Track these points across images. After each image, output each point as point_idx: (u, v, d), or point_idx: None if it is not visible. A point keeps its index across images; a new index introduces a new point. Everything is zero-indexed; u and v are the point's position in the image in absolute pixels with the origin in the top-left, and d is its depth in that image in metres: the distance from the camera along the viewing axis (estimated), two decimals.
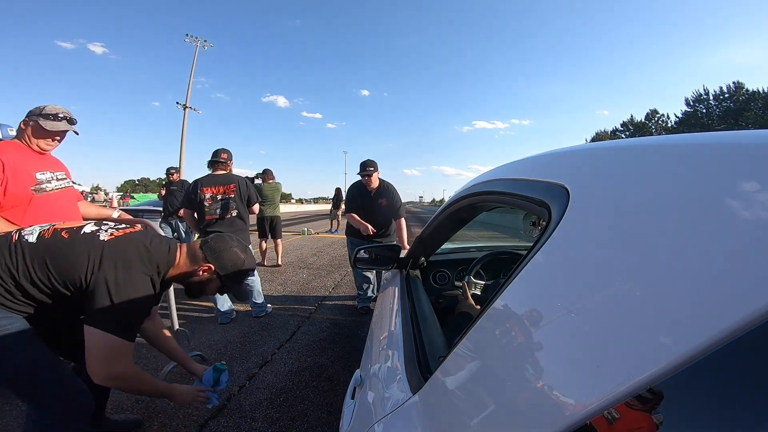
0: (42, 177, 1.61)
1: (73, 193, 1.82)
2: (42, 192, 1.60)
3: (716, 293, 0.24)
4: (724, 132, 0.35)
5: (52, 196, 1.65)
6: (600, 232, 0.39)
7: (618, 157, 0.46)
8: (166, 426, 1.63)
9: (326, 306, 3.59)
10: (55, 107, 1.65)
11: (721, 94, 33.97)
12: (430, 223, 1.29)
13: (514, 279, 0.46)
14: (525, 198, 0.59)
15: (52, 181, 1.65)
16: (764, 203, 0.25)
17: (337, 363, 2.33)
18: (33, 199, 1.56)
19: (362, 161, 3.11)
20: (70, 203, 1.78)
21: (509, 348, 0.43)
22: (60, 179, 1.70)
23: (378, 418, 0.65)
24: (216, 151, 2.91)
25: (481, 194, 0.84)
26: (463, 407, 0.46)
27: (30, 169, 1.57)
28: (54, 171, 1.69)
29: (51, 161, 1.73)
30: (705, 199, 0.30)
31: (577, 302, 0.35)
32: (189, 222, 2.93)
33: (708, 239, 0.27)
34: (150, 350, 2.35)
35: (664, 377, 0.24)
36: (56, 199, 1.67)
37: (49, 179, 1.64)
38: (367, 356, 1.08)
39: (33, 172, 1.58)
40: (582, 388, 0.30)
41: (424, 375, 0.63)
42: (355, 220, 3.08)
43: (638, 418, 0.29)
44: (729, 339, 0.22)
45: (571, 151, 0.58)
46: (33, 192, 1.56)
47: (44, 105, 1.63)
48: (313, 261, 5.94)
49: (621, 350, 0.28)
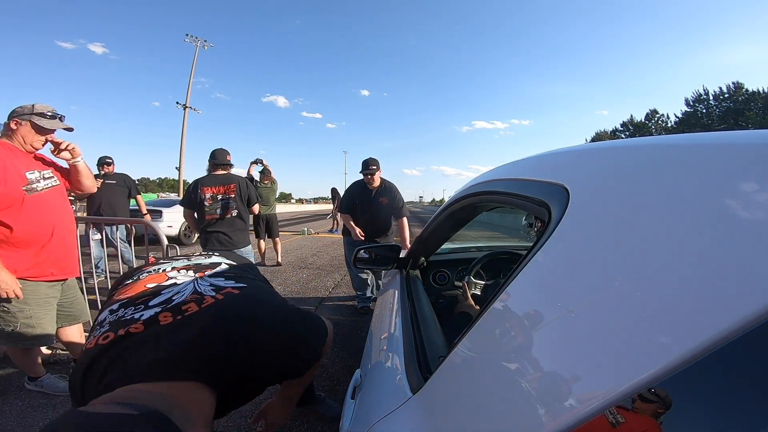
0: (31, 176, 1.60)
1: (61, 191, 1.81)
2: (34, 192, 1.59)
3: (716, 293, 0.24)
4: (724, 132, 0.35)
5: (43, 195, 1.64)
6: (600, 232, 0.39)
7: (618, 157, 0.46)
8: None
9: (326, 306, 3.59)
10: (45, 106, 1.65)
11: (721, 94, 33.96)
12: (430, 223, 1.29)
13: (514, 279, 0.46)
14: (525, 198, 0.59)
15: (40, 180, 1.64)
16: (764, 203, 0.25)
17: (337, 363, 2.33)
18: (25, 199, 1.55)
19: (364, 159, 3.09)
20: (61, 202, 1.76)
21: (509, 348, 0.43)
22: (47, 178, 1.69)
23: (378, 418, 0.65)
24: (214, 152, 2.90)
25: (481, 194, 0.84)
26: (463, 407, 0.46)
27: (19, 168, 1.56)
28: (41, 170, 1.67)
29: (38, 160, 1.71)
30: (705, 199, 0.30)
31: (577, 302, 0.35)
32: (189, 222, 2.93)
33: (708, 239, 0.27)
34: None
35: (664, 377, 0.24)
36: (47, 199, 1.66)
37: (38, 179, 1.63)
38: (367, 356, 1.08)
39: (23, 172, 1.56)
40: (582, 388, 0.30)
41: (424, 375, 0.63)
42: (348, 222, 3.08)
43: (638, 417, 0.29)
44: (729, 339, 0.22)
45: (571, 151, 0.58)
46: (25, 192, 1.55)
47: (32, 104, 1.62)
48: (313, 261, 5.93)
49: (621, 350, 0.28)
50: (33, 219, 1.58)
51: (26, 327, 1.62)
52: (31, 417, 1.65)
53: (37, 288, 1.64)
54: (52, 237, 1.66)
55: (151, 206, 7.33)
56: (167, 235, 5.38)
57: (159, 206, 7.26)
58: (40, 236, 1.62)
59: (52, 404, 1.75)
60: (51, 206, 1.68)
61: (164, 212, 6.97)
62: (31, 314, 1.63)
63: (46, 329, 1.70)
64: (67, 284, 1.84)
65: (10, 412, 1.69)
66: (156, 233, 2.11)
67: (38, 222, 1.61)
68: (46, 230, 1.64)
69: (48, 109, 1.64)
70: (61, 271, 1.74)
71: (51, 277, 1.69)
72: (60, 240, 1.71)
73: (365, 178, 3.07)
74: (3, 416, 1.65)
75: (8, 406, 1.73)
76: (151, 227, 2.17)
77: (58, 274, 1.72)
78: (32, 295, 1.63)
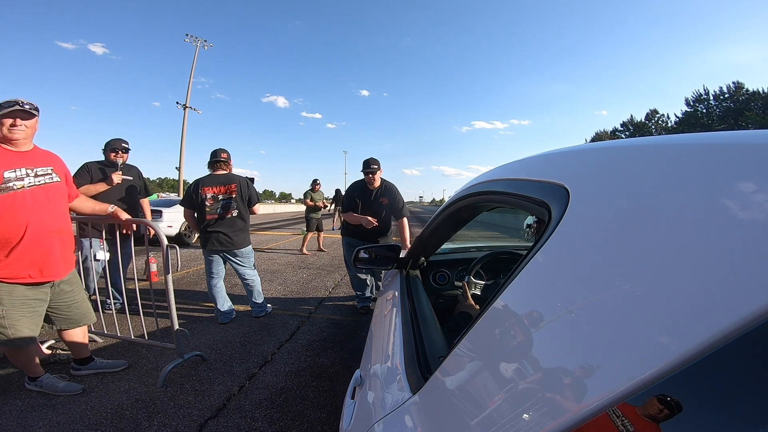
0: (11, 175, 1.56)
1: (57, 188, 1.76)
2: (8, 191, 1.55)
3: (716, 293, 0.24)
4: (724, 132, 0.35)
5: (20, 194, 1.59)
6: (600, 232, 0.39)
7: (618, 157, 0.46)
8: (166, 426, 1.63)
9: (326, 306, 3.59)
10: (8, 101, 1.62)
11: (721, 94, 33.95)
12: (430, 223, 1.29)
13: (514, 279, 0.46)
14: (525, 198, 0.59)
15: (24, 178, 1.60)
16: (764, 203, 0.25)
17: (337, 363, 2.33)
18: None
19: (366, 159, 3.11)
20: (49, 200, 1.70)
21: (509, 348, 0.43)
22: (40, 175, 1.65)
23: (378, 418, 0.65)
24: (215, 151, 2.91)
25: (481, 194, 0.84)
26: (463, 407, 0.46)
27: None
28: (34, 167, 1.64)
29: (32, 158, 1.68)
30: (705, 199, 0.30)
31: (577, 302, 0.35)
32: (189, 222, 2.93)
33: (708, 239, 0.27)
34: (149, 350, 2.36)
35: (664, 377, 0.24)
36: (27, 198, 1.61)
37: (20, 177, 1.59)
38: (367, 356, 1.08)
39: (1, 171, 1.53)
40: (582, 388, 0.30)
41: (424, 375, 0.63)
42: (354, 217, 3.08)
43: (638, 417, 0.29)
44: (729, 339, 0.22)
45: (571, 151, 0.58)
46: None
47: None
48: (313, 261, 5.94)
49: (621, 350, 0.28)
50: (2, 219, 1.53)
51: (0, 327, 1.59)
52: (30, 417, 1.65)
53: (13, 289, 1.60)
54: (23, 238, 1.59)
55: (151, 206, 7.33)
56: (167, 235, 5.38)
57: (159, 206, 7.25)
58: (8, 237, 1.56)
59: (51, 404, 1.75)
60: (30, 206, 1.61)
61: (164, 212, 6.97)
62: (5, 315, 1.59)
63: (22, 331, 1.64)
64: (60, 288, 1.79)
65: (10, 412, 1.69)
66: (156, 233, 2.11)
67: (8, 222, 1.55)
68: (17, 231, 1.58)
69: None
70: (41, 273, 1.67)
71: (29, 280, 1.63)
72: (35, 240, 1.63)
73: (366, 177, 3.08)
74: (3, 416, 1.65)
75: (8, 406, 1.73)
76: (151, 227, 2.17)
77: (36, 276, 1.66)
78: (7, 296, 1.59)
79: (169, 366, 2.02)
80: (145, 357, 2.29)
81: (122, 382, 1.98)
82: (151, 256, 3.18)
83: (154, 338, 2.21)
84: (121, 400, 1.81)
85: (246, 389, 1.98)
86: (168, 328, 2.20)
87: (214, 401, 1.84)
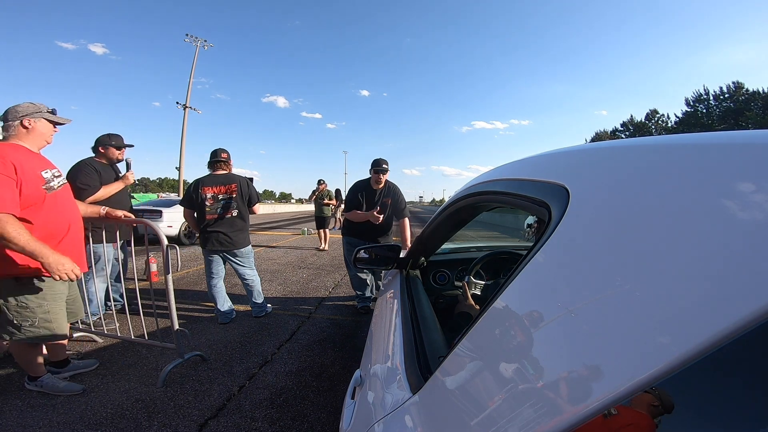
0: (47, 175, 1.64)
1: (69, 188, 1.86)
2: (52, 190, 1.64)
3: (716, 293, 0.24)
4: (724, 132, 0.35)
5: (59, 193, 1.69)
6: (600, 232, 0.39)
7: (618, 157, 0.46)
8: (166, 426, 1.63)
9: (326, 306, 3.59)
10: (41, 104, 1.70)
11: (721, 94, 33.94)
12: (430, 223, 1.28)
13: (514, 279, 0.46)
14: (525, 198, 0.59)
15: (54, 179, 1.68)
16: (764, 203, 0.25)
17: (337, 363, 2.33)
18: (47, 198, 1.60)
19: (376, 158, 3.11)
20: (71, 200, 1.82)
21: (509, 348, 0.43)
22: (57, 176, 1.72)
23: (378, 418, 0.65)
24: (215, 151, 2.91)
25: (481, 194, 0.84)
26: (463, 407, 0.46)
27: (35, 168, 1.59)
28: (52, 169, 1.71)
29: (46, 160, 1.75)
30: (705, 199, 0.30)
31: (577, 302, 0.35)
32: (189, 222, 2.93)
33: (708, 239, 0.27)
34: (149, 350, 2.36)
35: (664, 377, 0.24)
36: (62, 196, 1.71)
37: (52, 177, 1.67)
38: (367, 356, 1.08)
39: (38, 171, 1.60)
40: (582, 388, 0.30)
41: (424, 375, 0.63)
42: (359, 214, 3.07)
43: (638, 417, 0.29)
44: (729, 339, 0.22)
45: (571, 151, 0.58)
46: (45, 191, 1.60)
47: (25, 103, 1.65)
48: (313, 261, 5.93)
49: (621, 350, 0.28)
50: (51, 216, 1.63)
51: (44, 322, 1.66)
52: (30, 417, 1.65)
53: (54, 283, 1.67)
54: (67, 233, 1.70)
55: (151, 206, 7.34)
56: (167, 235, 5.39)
57: (159, 206, 7.26)
58: (57, 232, 1.66)
59: (51, 404, 1.75)
60: (65, 204, 1.73)
61: (164, 212, 6.98)
62: (49, 309, 1.67)
63: (61, 324, 1.74)
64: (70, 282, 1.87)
65: (10, 412, 1.68)
66: (156, 233, 2.12)
67: (56, 219, 1.65)
68: (63, 226, 1.69)
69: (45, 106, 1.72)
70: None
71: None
72: (74, 236, 1.75)
73: (375, 176, 3.07)
74: (3, 416, 1.65)
75: (8, 406, 1.73)
76: (151, 227, 2.17)
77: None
78: (49, 290, 1.67)
79: (169, 366, 2.02)
80: (145, 357, 2.29)
81: (122, 382, 1.98)
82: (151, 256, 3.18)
83: (154, 338, 2.21)
84: (121, 400, 1.81)
85: (246, 389, 1.98)
86: (168, 328, 2.20)
87: (214, 401, 1.84)
